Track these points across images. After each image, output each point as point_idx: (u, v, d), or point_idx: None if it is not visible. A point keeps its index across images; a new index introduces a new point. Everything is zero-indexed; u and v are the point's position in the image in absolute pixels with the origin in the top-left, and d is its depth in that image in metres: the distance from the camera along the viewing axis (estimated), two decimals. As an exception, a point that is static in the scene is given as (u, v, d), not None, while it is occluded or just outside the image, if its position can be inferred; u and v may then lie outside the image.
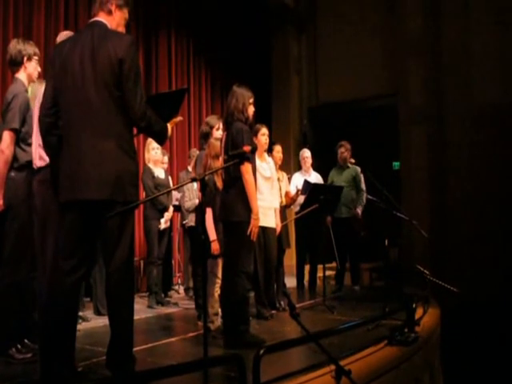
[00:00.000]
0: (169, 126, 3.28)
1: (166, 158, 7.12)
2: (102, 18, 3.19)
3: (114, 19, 3.21)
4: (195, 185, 6.02)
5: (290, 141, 11.15)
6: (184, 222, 7.01)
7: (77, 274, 3.08)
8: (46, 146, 3.26)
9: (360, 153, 8.20)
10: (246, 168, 4.14)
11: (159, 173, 6.68)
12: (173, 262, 8.25)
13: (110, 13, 3.19)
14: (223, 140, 4.46)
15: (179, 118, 3.40)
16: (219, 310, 4.86)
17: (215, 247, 4.65)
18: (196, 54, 10.29)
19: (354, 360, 3.66)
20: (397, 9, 10.40)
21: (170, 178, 7.07)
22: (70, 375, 3.15)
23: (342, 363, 3.12)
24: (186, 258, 7.52)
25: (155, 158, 6.59)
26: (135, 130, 3.23)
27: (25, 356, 3.84)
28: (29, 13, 7.16)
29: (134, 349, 3.24)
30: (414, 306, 4.65)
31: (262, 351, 2.85)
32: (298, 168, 8.48)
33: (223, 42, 10.69)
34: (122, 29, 3.26)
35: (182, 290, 7.98)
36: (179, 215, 7.59)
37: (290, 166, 10.09)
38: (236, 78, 10.82)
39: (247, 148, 3.91)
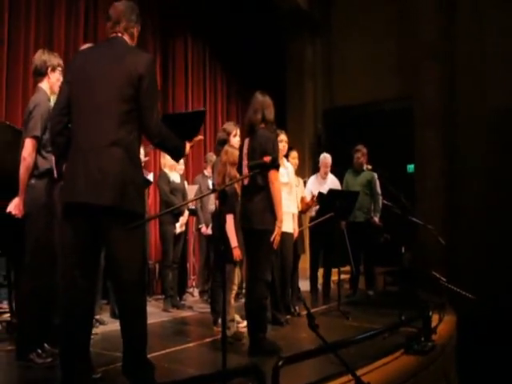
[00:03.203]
0: (188, 144, 3.30)
1: (181, 163, 7.15)
2: (122, 36, 3.25)
3: (134, 41, 3.31)
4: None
5: (304, 144, 11.16)
6: (200, 226, 7.05)
7: (87, 280, 3.09)
8: (54, 146, 3.30)
9: (374, 156, 8.18)
10: (275, 176, 4.18)
11: (175, 177, 6.71)
12: (187, 265, 8.28)
13: (132, 36, 3.28)
14: (246, 146, 4.49)
15: (199, 137, 3.44)
16: (235, 316, 4.89)
17: (237, 253, 4.66)
18: (212, 59, 10.35)
19: (372, 369, 3.68)
20: (411, 12, 10.37)
21: (185, 182, 7.10)
22: (89, 381, 3.19)
23: (359, 373, 3.14)
24: (202, 262, 7.56)
25: (171, 162, 6.63)
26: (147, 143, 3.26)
27: (45, 361, 3.88)
28: (49, 23, 7.29)
29: (151, 354, 3.27)
30: (430, 313, 4.64)
31: (280, 362, 2.87)
32: (313, 171, 8.47)
33: (238, 46, 10.75)
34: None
35: (196, 293, 8.02)
36: (194, 219, 7.63)
37: (304, 169, 10.09)
38: (250, 83, 10.98)
39: (267, 158, 3.94)
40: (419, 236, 8.71)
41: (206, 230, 6.95)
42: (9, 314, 5.03)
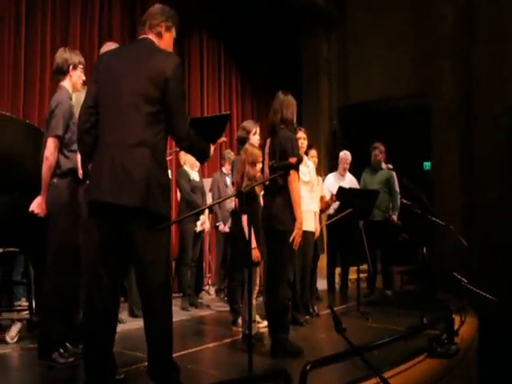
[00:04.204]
0: (212, 146, 3.30)
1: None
2: (151, 37, 3.23)
3: (164, 41, 3.26)
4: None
5: (320, 141, 11.08)
6: (217, 224, 7.03)
7: (111, 279, 3.08)
8: (81, 145, 3.27)
9: (390, 153, 8.13)
10: (293, 177, 4.14)
11: (195, 176, 6.70)
12: (203, 263, 8.26)
13: (159, 35, 3.25)
14: (267, 146, 4.46)
15: (223, 139, 3.43)
16: (256, 317, 4.87)
17: (256, 254, 4.63)
18: (226, 57, 10.31)
19: (396, 373, 3.63)
20: (429, 8, 10.28)
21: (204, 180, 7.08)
22: (113, 383, 3.18)
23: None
24: (219, 260, 7.54)
25: (191, 161, 6.61)
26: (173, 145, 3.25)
27: (67, 360, 3.87)
28: (65, 22, 7.33)
29: (173, 354, 3.23)
30: (453, 315, 4.59)
31: (308, 366, 2.84)
32: (329, 169, 8.42)
33: (253, 44, 10.71)
34: (170, 49, 3.31)
35: (212, 291, 8.01)
36: (210, 216, 7.61)
37: (320, 166, 10.03)
38: (265, 81, 10.95)
39: (293, 160, 3.91)
40: (438, 236, 8.63)
41: (224, 228, 6.93)
42: (27, 312, 5.04)
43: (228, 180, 6.88)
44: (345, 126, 11.83)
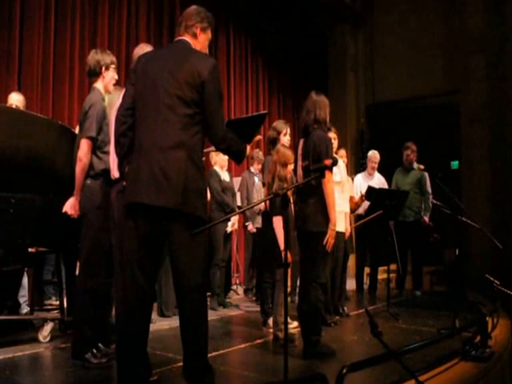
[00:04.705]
0: (248, 146, 3.29)
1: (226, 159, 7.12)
2: (187, 38, 3.24)
3: (199, 42, 3.27)
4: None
5: (346, 140, 11.02)
6: (246, 224, 7.02)
7: (147, 279, 3.09)
8: (118, 147, 3.27)
9: (418, 152, 8.04)
10: (328, 178, 4.11)
11: (225, 176, 6.71)
12: (231, 262, 8.26)
13: (195, 36, 3.25)
14: (300, 147, 4.43)
15: (258, 137, 3.40)
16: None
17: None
18: (253, 54, 10.31)
19: (430, 377, 3.58)
20: (457, 4, 10.16)
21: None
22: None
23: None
24: (248, 260, 7.52)
25: (223, 162, 6.60)
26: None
27: (100, 361, 3.90)
28: (94, 22, 7.43)
29: (206, 356, 3.22)
30: (486, 318, 4.52)
31: (345, 370, 2.81)
32: (356, 168, 8.35)
33: (279, 41, 10.74)
34: (205, 50, 3.32)
35: (240, 290, 8.01)
36: (237, 217, 7.58)
37: (347, 165, 9.96)
38: (292, 77, 10.91)
39: (328, 161, 3.87)
40: (470, 237, 8.52)
41: (252, 228, 6.92)
42: (57, 311, 5.09)
43: (256, 179, 6.87)
44: (372, 125, 11.73)
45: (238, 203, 7.05)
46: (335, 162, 4.04)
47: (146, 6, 8.14)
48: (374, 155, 7.65)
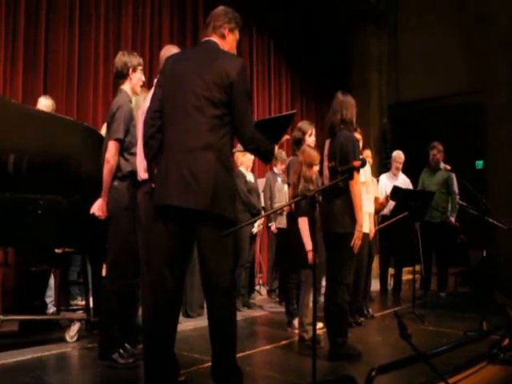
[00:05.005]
0: (276, 146, 3.27)
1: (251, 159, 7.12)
2: (214, 39, 3.22)
3: (227, 42, 3.25)
4: (285, 188, 6.04)
5: (369, 140, 10.92)
6: (270, 225, 7.01)
7: (176, 280, 3.10)
8: (147, 149, 3.27)
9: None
10: (356, 179, 4.10)
11: (250, 177, 6.71)
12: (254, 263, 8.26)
13: (223, 37, 3.23)
14: (327, 147, 4.42)
15: (286, 137, 3.39)
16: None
17: (312, 257, 4.58)
18: (276, 54, 10.29)
19: (457, 380, 3.53)
20: (482, 5, 10.05)
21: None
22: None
23: (448, 383, 3.03)
24: (271, 260, 7.51)
25: (248, 162, 6.61)
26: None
27: (127, 361, 3.93)
28: (117, 23, 7.47)
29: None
30: (514, 320, 4.47)
31: (373, 372, 2.79)
32: (379, 168, 8.29)
33: (302, 41, 10.71)
34: (233, 51, 3.31)
35: (263, 291, 8.00)
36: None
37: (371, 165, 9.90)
38: (315, 77, 10.88)
39: (357, 163, 3.85)
40: (497, 238, 8.41)
41: (274, 228, 6.91)
42: (83, 311, 5.13)
43: (279, 179, 6.86)
44: (395, 125, 11.65)
45: (262, 204, 7.04)
46: (364, 164, 4.02)
47: (169, 9, 8.17)
48: (398, 155, 7.59)
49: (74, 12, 6.86)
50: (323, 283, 4.62)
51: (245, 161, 6.60)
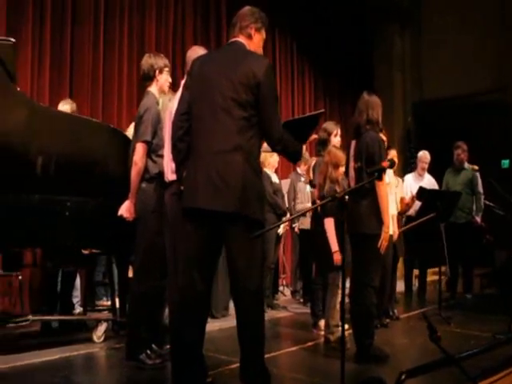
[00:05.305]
0: (304, 145, 3.28)
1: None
2: (241, 39, 3.22)
3: (254, 42, 3.23)
4: (308, 188, 6.02)
5: (393, 140, 10.86)
6: (294, 226, 7.00)
7: (205, 283, 3.10)
8: (175, 152, 3.28)
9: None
10: (382, 180, 4.06)
11: (275, 178, 6.69)
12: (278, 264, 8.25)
13: (249, 37, 3.22)
14: (352, 148, 4.40)
15: (314, 137, 3.38)
16: (338, 321, 4.81)
17: (337, 258, 4.57)
18: (299, 53, 10.28)
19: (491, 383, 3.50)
20: (507, 1, 9.94)
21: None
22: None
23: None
24: (295, 261, 7.49)
25: (274, 163, 6.61)
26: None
27: (154, 362, 3.95)
28: (141, 25, 7.51)
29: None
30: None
31: (403, 376, 2.77)
32: (404, 168, 8.22)
33: (325, 40, 10.68)
34: (260, 51, 3.29)
35: (287, 292, 7.99)
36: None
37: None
38: (338, 77, 10.84)
39: (385, 164, 3.82)
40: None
41: (297, 229, 6.90)
42: (109, 311, 5.17)
43: (303, 180, 6.84)
44: (419, 123, 11.55)
45: (286, 205, 7.03)
46: (392, 165, 3.98)
47: (192, 10, 8.20)
48: (424, 155, 7.51)
49: (99, 15, 6.91)
50: (347, 284, 4.59)
51: (272, 161, 6.59)
